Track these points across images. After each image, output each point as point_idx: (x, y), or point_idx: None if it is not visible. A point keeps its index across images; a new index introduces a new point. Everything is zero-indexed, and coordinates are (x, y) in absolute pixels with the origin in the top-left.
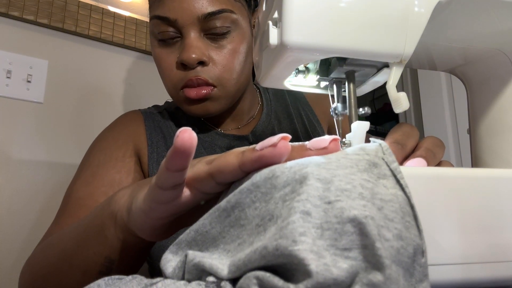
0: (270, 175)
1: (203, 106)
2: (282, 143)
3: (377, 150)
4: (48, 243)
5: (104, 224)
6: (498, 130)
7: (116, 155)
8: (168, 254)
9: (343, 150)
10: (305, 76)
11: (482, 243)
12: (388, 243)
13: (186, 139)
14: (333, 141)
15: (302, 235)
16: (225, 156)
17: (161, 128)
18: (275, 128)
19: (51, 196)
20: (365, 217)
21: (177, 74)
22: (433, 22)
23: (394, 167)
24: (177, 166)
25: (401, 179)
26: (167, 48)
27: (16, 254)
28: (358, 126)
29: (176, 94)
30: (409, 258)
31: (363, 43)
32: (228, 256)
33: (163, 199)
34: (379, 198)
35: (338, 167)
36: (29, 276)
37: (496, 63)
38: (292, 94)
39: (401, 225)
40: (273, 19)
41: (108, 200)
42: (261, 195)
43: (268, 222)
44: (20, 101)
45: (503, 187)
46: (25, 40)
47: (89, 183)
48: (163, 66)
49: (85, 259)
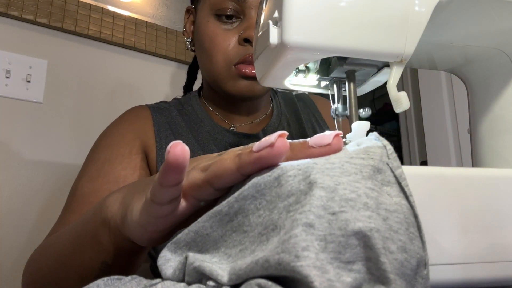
0: (276, 184)
1: (251, 84)
2: (280, 142)
3: (381, 154)
4: (47, 244)
5: (97, 231)
6: (498, 130)
7: (122, 152)
8: (166, 253)
9: (346, 150)
10: (305, 76)
11: (482, 243)
12: (393, 255)
13: (178, 154)
14: (336, 137)
15: (305, 249)
16: (221, 161)
17: (170, 124)
18: (285, 129)
19: (51, 196)
20: (370, 230)
21: (235, 50)
22: (433, 21)
23: (399, 174)
24: (172, 181)
25: (406, 187)
26: (224, 25)
27: (16, 254)
28: (359, 126)
29: (228, 69)
30: (412, 271)
31: (364, 43)
32: (229, 261)
33: (160, 213)
34: (384, 208)
35: (342, 174)
36: (30, 276)
37: (496, 62)
38: (301, 99)
39: (406, 237)
40: (273, 18)
41: (99, 205)
42: (266, 203)
43: (271, 232)
44: (20, 101)
45: (503, 187)
46: (25, 40)
47: (94, 179)
48: (218, 40)
49: (81, 264)
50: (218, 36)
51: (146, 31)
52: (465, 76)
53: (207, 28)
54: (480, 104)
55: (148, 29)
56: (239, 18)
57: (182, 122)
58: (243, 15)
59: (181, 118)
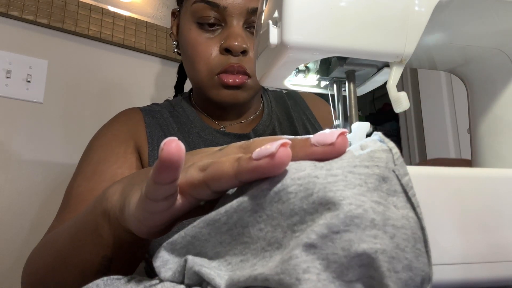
0: (276, 199)
1: (234, 93)
2: (282, 152)
3: (387, 160)
4: (46, 242)
5: (98, 223)
6: (498, 130)
7: (117, 151)
8: (163, 253)
9: (350, 154)
10: (305, 76)
11: (482, 243)
12: (397, 275)
13: (172, 152)
14: (340, 135)
15: (305, 272)
16: (220, 163)
17: (161, 125)
18: (275, 128)
19: (51, 196)
20: (375, 252)
21: (217, 59)
22: (433, 21)
23: (406, 182)
24: (165, 179)
25: (413, 197)
26: (206, 33)
27: (16, 254)
28: (358, 127)
29: (210, 78)
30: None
31: (364, 43)
32: (228, 269)
33: (155, 209)
34: (391, 224)
35: (346, 187)
36: (29, 277)
37: (496, 62)
38: (291, 97)
39: (412, 254)
40: (273, 18)
41: (100, 197)
42: (267, 218)
43: (276, 251)
44: (20, 101)
45: (503, 187)
46: (25, 40)
47: (90, 178)
48: (200, 49)
49: (81, 259)
50: (201, 45)
51: (146, 31)
52: (465, 76)
53: (190, 36)
54: (480, 104)
55: (148, 29)
56: (220, 25)
57: (173, 124)
58: (224, 23)
59: (173, 119)
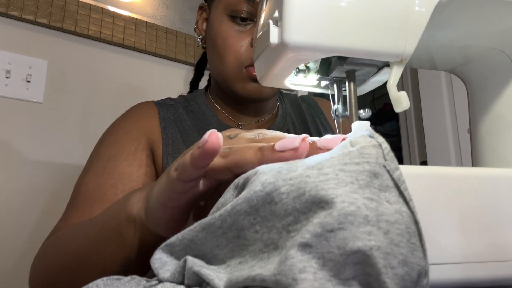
0: (269, 200)
1: (259, 87)
2: (304, 146)
3: (377, 155)
4: (60, 240)
5: (122, 227)
6: (498, 130)
7: (128, 149)
8: (161, 255)
9: (340, 152)
10: (306, 75)
11: (482, 242)
12: (393, 271)
13: (216, 142)
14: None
15: (302, 271)
16: (243, 151)
17: (176, 121)
18: (290, 130)
19: (51, 196)
20: (370, 249)
21: (246, 52)
22: (433, 21)
23: (397, 177)
24: (204, 164)
25: (405, 191)
26: (237, 26)
27: (16, 254)
28: (359, 126)
29: (239, 71)
30: (412, 283)
31: (364, 42)
32: (227, 271)
33: (184, 189)
34: (385, 220)
35: (338, 185)
36: (41, 272)
37: (496, 62)
38: (305, 101)
39: (407, 249)
40: (274, 18)
41: (123, 202)
42: (261, 219)
43: (273, 251)
44: (20, 101)
45: (503, 187)
46: (25, 40)
47: (99, 176)
48: (230, 42)
49: (102, 259)
50: (232, 37)
51: (146, 31)
52: (465, 76)
53: (221, 28)
54: (480, 104)
55: (148, 29)
56: (253, 20)
57: (188, 120)
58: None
59: (187, 115)
